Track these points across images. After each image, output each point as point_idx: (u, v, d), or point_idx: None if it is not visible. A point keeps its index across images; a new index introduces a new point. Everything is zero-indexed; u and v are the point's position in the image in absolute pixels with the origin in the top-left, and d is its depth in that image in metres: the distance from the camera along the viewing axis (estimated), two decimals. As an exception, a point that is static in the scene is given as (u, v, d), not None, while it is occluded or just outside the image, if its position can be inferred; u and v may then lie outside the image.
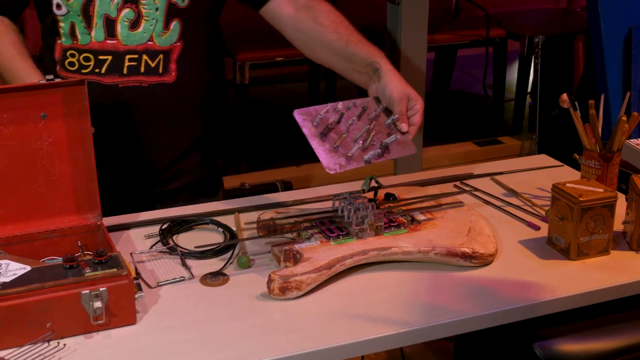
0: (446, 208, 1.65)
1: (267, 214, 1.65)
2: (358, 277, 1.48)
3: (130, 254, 1.54)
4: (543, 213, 1.71)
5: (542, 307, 1.42)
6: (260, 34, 4.17)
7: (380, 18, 3.88)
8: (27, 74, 1.69)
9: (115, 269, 1.31)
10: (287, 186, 3.41)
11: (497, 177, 1.92)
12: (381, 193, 1.71)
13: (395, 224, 1.57)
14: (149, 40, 1.74)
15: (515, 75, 4.47)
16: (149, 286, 1.44)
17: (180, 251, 1.56)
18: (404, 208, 1.64)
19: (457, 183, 1.89)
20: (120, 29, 1.73)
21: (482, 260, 1.50)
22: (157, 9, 1.73)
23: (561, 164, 2.00)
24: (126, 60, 1.74)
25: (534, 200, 1.78)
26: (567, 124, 1.84)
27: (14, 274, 1.31)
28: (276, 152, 4.21)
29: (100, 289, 1.28)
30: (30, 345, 1.24)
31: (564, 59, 4.12)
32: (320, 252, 1.47)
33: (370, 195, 1.69)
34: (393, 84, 1.65)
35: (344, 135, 1.58)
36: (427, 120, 3.63)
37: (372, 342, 1.32)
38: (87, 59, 1.74)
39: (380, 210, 1.59)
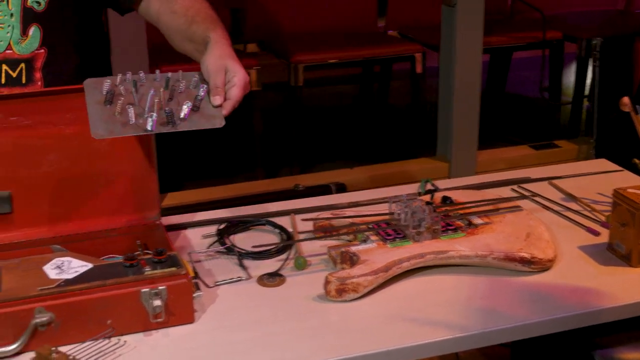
0: (504, 212, 1.64)
1: (324, 216, 1.65)
2: (414, 280, 1.48)
3: (188, 253, 1.56)
4: (603, 219, 1.68)
5: (603, 314, 1.39)
6: (315, 35, 4.21)
7: (433, 20, 3.87)
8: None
9: (174, 268, 1.33)
10: (341, 188, 3.41)
11: (556, 182, 1.90)
12: (437, 196, 1.70)
13: (452, 227, 1.56)
14: (7, 49, 1.64)
15: (572, 78, 4.41)
16: (207, 286, 1.46)
17: (238, 251, 1.57)
18: (461, 212, 1.63)
19: (515, 187, 1.87)
20: None
21: (540, 265, 1.48)
22: (11, 15, 1.63)
23: (621, 168, 1.97)
24: None
25: (594, 206, 1.76)
26: (625, 128, 1.81)
27: (76, 272, 1.33)
28: (329, 154, 4.22)
29: (160, 288, 1.30)
30: (92, 342, 1.26)
31: (623, 61, 4.06)
32: (377, 255, 1.46)
33: (427, 198, 1.68)
34: (211, 55, 1.53)
35: (134, 106, 1.43)
36: (481, 123, 3.63)
37: (428, 346, 1.31)
38: None
39: (437, 213, 1.58)
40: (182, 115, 1.42)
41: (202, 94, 1.47)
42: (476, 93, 3.60)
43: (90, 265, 1.35)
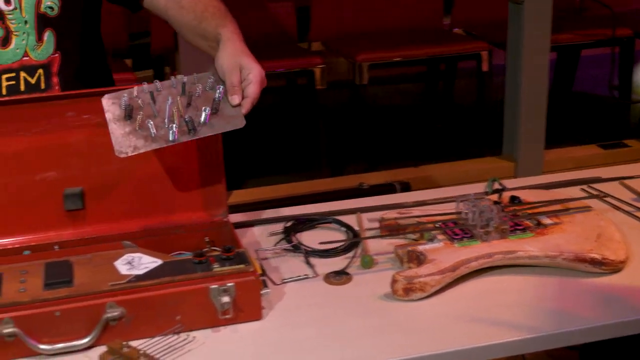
0: (574, 212, 1.61)
1: (390, 214, 1.65)
2: (482, 280, 1.46)
3: (256, 250, 1.57)
4: (676, 220, 1.65)
5: (676, 317, 1.36)
6: (379, 34, 4.20)
7: (499, 18, 3.82)
8: None
9: (242, 265, 1.34)
10: (405, 187, 3.40)
11: (627, 182, 1.86)
12: (505, 196, 1.68)
13: (520, 227, 1.54)
14: (24, 56, 1.63)
15: (643, 76, 4.33)
16: (274, 283, 1.46)
17: (304, 249, 1.57)
18: (529, 211, 1.61)
19: (584, 187, 1.84)
20: None
21: (612, 267, 1.46)
22: (26, 22, 1.61)
23: (695, 169, 1.92)
24: (3, 81, 1.63)
25: (666, 206, 1.72)
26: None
27: (146, 267, 1.35)
28: (393, 153, 4.21)
29: (228, 284, 1.31)
30: (161, 337, 1.28)
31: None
32: (444, 254, 1.46)
33: (495, 197, 1.66)
34: (225, 53, 1.49)
35: (154, 117, 1.42)
36: (548, 122, 3.58)
37: (495, 347, 1.30)
38: None
39: (506, 213, 1.56)
40: (201, 120, 1.41)
41: (219, 95, 1.45)
42: (543, 91, 3.56)
43: (159, 262, 1.37)
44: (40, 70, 1.65)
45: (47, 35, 1.64)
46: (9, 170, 1.47)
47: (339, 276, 1.48)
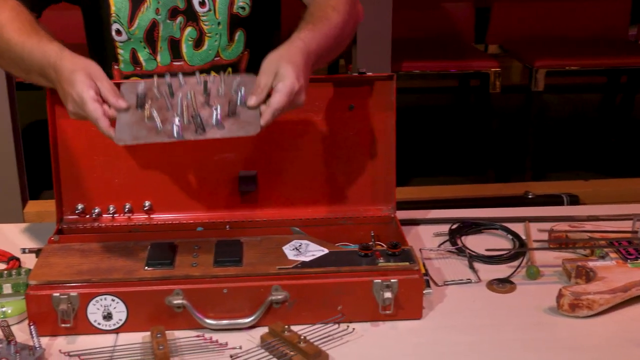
0: None
1: (561, 227, 1.60)
2: (654, 304, 1.40)
3: (420, 249, 1.56)
4: None
5: None
6: (559, 40, 4.08)
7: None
8: (42, 52, 1.38)
9: (407, 263, 1.34)
10: (574, 200, 3.29)
11: None
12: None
13: (701, 253, 1.47)
14: (215, 57, 1.67)
15: None
16: (436, 284, 1.46)
17: (469, 253, 1.55)
18: None
19: None
20: (185, 48, 1.66)
21: None
22: (219, 23, 1.64)
23: None
24: None
25: None
26: None
27: (313, 255, 1.37)
28: (563, 163, 4.09)
29: (392, 280, 1.31)
30: (322, 325, 1.30)
31: None
32: (616, 273, 1.40)
33: (675, 220, 1.58)
34: (271, 54, 1.36)
35: (166, 110, 1.33)
36: None
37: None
38: None
39: (686, 237, 1.49)
40: (213, 121, 1.31)
41: (239, 97, 1.35)
42: None
43: (326, 251, 1.39)
44: (230, 69, 1.69)
45: (238, 35, 1.68)
46: (191, 148, 1.53)
47: (503, 284, 1.46)
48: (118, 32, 1.64)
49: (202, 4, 1.63)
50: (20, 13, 1.48)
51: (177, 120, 1.28)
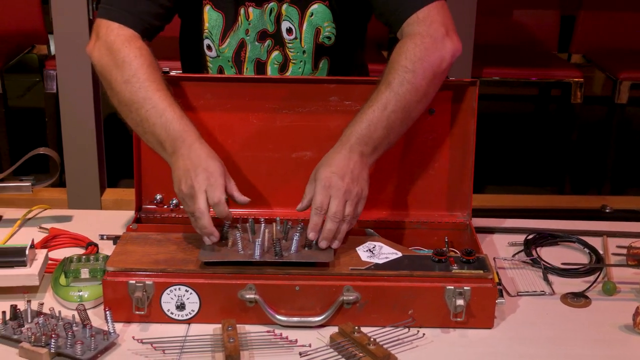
0: None
1: (639, 244, 1.57)
2: None
3: (494, 258, 1.55)
4: None
5: None
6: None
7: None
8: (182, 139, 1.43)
9: (481, 271, 1.33)
10: (653, 216, 3.21)
11: None
12: None
13: None
14: None
15: None
16: (509, 294, 1.44)
17: (544, 265, 1.53)
18: None
19: None
20: (271, 71, 1.68)
21: None
22: (304, 52, 1.66)
23: None
24: None
25: None
26: None
27: (386, 257, 1.37)
28: (641, 178, 4.00)
29: (465, 288, 1.30)
30: (392, 328, 1.30)
31: None
32: (696, 294, 1.37)
33: None
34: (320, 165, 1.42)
35: (247, 242, 1.41)
36: None
37: None
38: None
39: None
40: (292, 249, 1.37)
41: (302, 232, 1.41)
42: None
43: (399, 254, 1.39)
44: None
45: (322, 63, 1.70)
46: (272, 144, 1.55)
47: (578, 298, 1.43)
48: (209, 47, 1.68)
49: (289, 31, 1.65)
50: (150, 65, 1.49)
51: (258, 241, 1.35)
